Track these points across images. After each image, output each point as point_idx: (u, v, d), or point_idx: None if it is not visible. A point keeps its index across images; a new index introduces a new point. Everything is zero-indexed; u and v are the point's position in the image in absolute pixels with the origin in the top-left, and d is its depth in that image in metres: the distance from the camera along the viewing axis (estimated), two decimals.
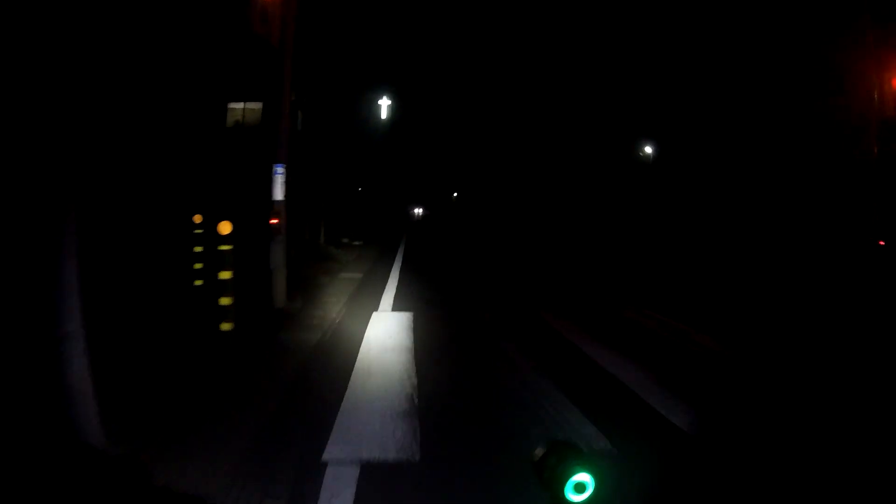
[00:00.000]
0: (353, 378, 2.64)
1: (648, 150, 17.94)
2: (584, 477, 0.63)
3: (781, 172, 11.41)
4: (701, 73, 13.65)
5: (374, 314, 4.32)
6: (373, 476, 1.70)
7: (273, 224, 4.44)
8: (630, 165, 18.24)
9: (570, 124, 21.87)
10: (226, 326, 3.43)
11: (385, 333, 3.68)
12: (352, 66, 14.16)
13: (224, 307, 3.42)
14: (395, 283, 6.17)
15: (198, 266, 4.55)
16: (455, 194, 57.33)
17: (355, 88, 14.44)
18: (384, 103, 14.42)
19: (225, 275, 3.46)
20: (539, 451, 0.66)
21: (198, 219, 4.68)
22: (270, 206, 4.45)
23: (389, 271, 7.46)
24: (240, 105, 8.47)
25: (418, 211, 54.70)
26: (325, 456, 1.79)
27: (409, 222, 31.37)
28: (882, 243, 7.86)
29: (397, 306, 4.70)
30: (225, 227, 3.42)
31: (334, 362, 2.99)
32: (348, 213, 14.08)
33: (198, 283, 4.52)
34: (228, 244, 3.48)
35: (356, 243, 12.35)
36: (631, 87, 17.23)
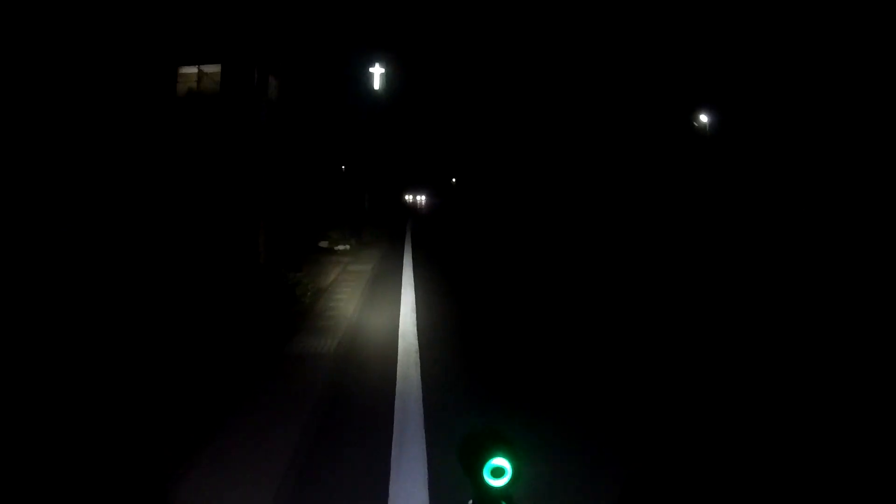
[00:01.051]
0: None
1: (704, 118, 17.91)
2: (501, 462, 0.81)
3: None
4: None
5: None
6: None
7: None
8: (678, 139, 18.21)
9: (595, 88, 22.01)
10: None
11: None
12: (343, 28, 14.50)
13: None
14: None
15: None
16: (454, 179, 59.33)
17: (346, 55, 14.82)
18: (377, 72, 14.74)
19: None
20: (462, 439, 0.85)
21: None
22: (235, 195, 4.53)
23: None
24: (193, 69, 8.73)
25: (420, 198, 55.34)
26: None
27: (411, 211, 30.76)
28: None
29: None
30: None
31: None
32: (336, 203, 14.41)
33: None
34: None
35: (340, 248, 9.91)
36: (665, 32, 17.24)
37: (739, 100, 15.69)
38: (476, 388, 3.35)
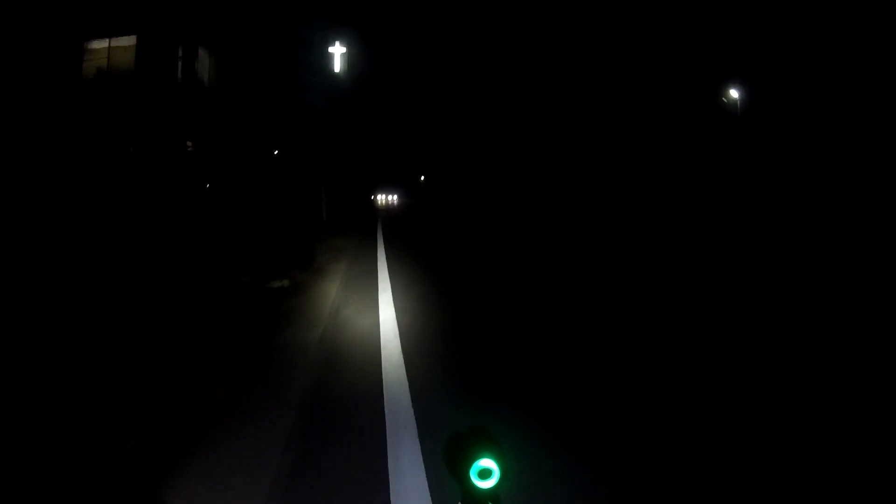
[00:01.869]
0: None
1: (734, 93, 18.31)
2: (488, 463, 0.90)
3: None
4: None
5: None
6: None
7: None
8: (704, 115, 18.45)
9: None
10: None
11: None
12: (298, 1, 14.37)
13: None
14: None
15: None
16: (423, 177, 60.54)
17: (303, 31, 14.56)
18: (338, 52, 14.82)
19: None
20: (447, 440, 0.93)
21: None
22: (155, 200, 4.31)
23: None
24: (103, 43, 8.54)
25: (391, 198, 56.31)
26: None
27: (383, 214, 29.18)
28: None
29: None
30: None
31: None
32: (283, 209, 13.83)
33: None
34: None
35: (276, 284, 6.44)
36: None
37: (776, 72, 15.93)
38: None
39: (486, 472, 0.89)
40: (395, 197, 58.07)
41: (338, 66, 15.07)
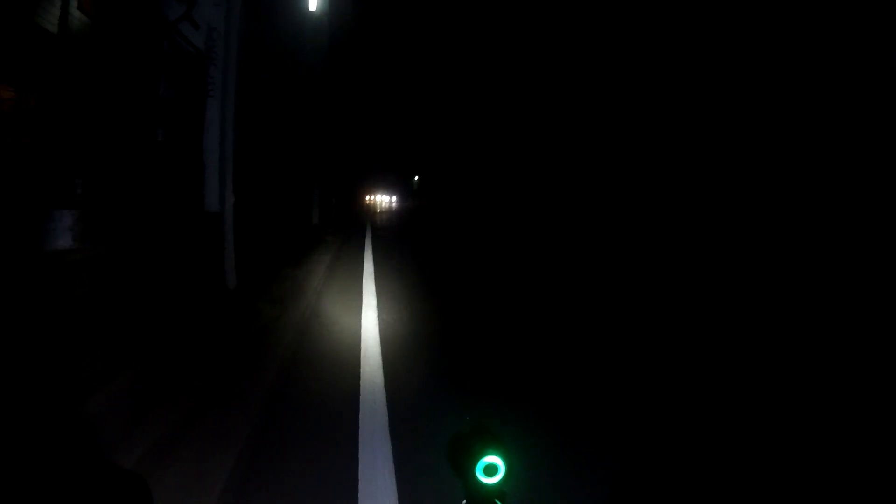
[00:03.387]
0: None
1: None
2: (494, 459, 0.95)
3: None
4: None
5: None
6: None
7: None
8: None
9: None
10: None
11: None
12: None
13: None
14: None
15: None
16: (416, 177, 58.20)
17: None
18: None
19: None
20: (450, 439, 0.98)
21: None
22: None
23: None
24: None
25: (385, 199, 54.22)
26: None
27: (381, 221, 23.03)
28: None
29: None
30: None
31: None
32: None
33: None
34: None
35: None
36: None
37: None
38: None
39: (491, 468, 0.94)
40: (394, 199, 55.08)
41: (313, 5, 12.24)
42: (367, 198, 53.13)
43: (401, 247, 13.71)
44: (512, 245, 14.38)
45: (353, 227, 18.77)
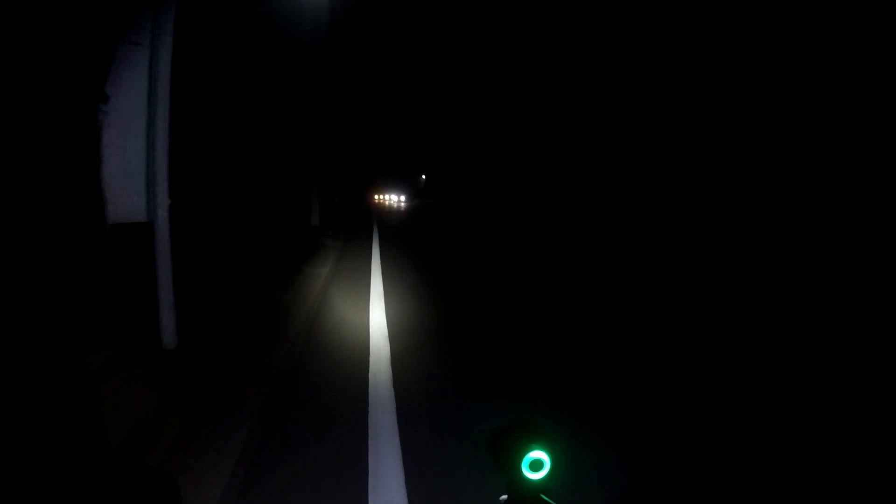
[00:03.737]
0: None
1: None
2: (540, 454, 0.91)
3: None
4: None
5: None
6: None
7: None
8: None
9: None
10: None
11: None
12: None
13: None
14: None
15: None
16: (423, 176, 57.29)
17: None
18: None
19: None
20: (493, 433, 0.94)
21: None
22: None
23: None
24: None
25: (394, 197, 53.73)
26: None
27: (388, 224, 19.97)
28: None
29: None
30: None
31: None
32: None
33: None
34: None
35: None
36: None
37: None
38: None
39: (537, 463, 0.90)
40: (403, 198, 53.82)
41: None
42: (376, 197, 52.95)
43: (415, 254, 11.50)
44: (527, 245, 13.54)
45: (358, 228, 17.11)
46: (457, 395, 3.53)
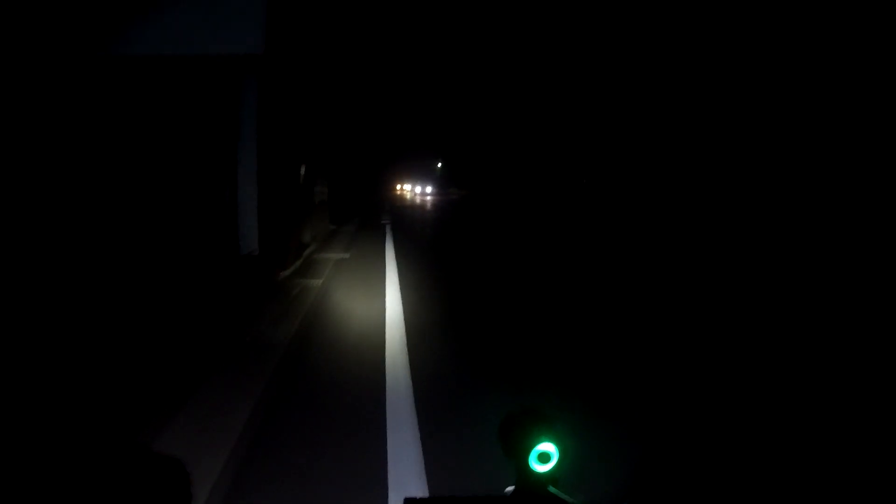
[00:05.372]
0: None
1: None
2: (548, 447, 0.89)
3: None
4: None
5: None
6: None
7: None
8: None
9: None
10: None
11: None
12: None
13: None
14: None
15: None
16: (439, 164, 54.96)
17: None
18: None
19: None
20: (503, 421, 0.93)
21: None
22: None
23: None
24: None
25: (418, 188, 51.90)
26: None
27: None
28: None
29: None
30: None
31: None
32: None
33: None
34: None
35: None
36: None
37: None
38: None
39: (545, 455, 0.89)
40: (428, 189, 51.27)
41: None
42: (398, 186, 51.27)
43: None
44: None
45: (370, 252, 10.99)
46: None
